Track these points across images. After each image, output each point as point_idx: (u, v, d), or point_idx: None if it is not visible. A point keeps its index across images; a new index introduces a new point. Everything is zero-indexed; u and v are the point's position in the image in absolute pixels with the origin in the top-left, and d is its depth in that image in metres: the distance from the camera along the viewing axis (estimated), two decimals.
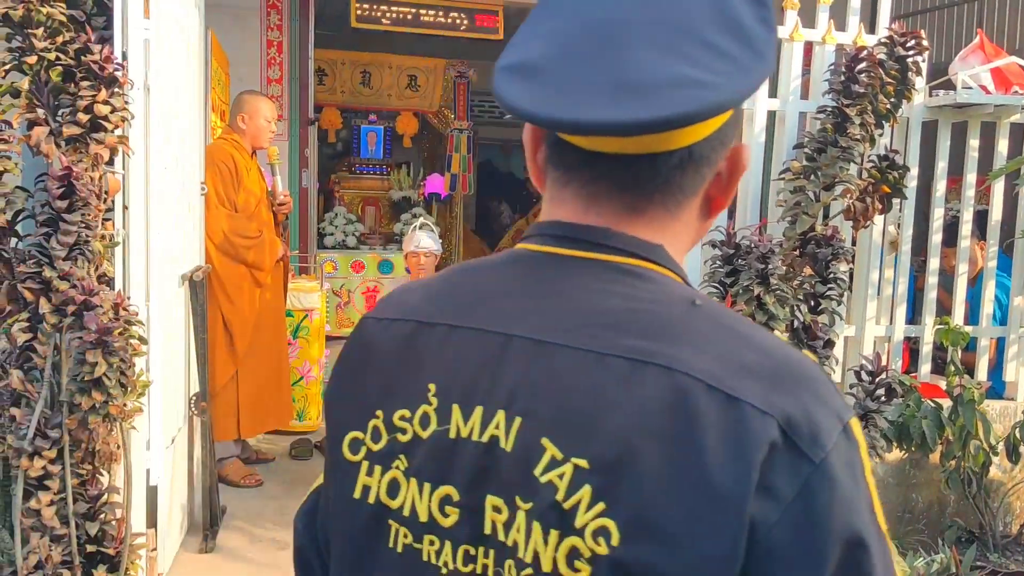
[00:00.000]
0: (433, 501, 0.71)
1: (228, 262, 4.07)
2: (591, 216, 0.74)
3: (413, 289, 0.83)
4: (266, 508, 3.95)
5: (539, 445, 0.67)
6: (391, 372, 0.76)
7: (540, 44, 0.71)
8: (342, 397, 0.81)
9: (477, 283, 0.79)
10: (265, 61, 6.13)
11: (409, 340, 0.76)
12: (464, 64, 9.08)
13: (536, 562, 0.66)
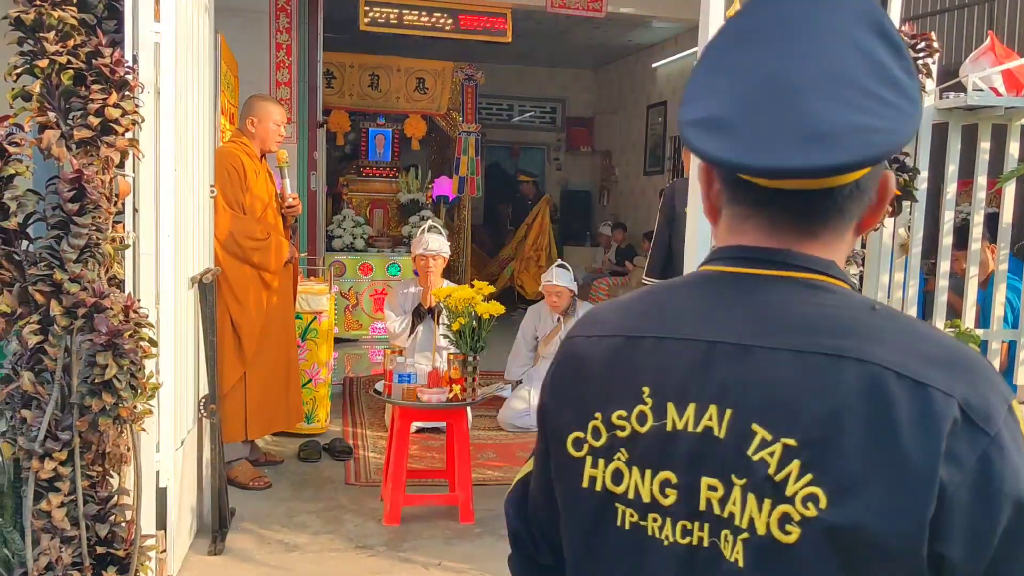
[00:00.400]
0: (654, 485, 0.85)
1: (235, 264, 4.08)
2: (773, 241, 0.87)
3: (611, 309, 0.97)
4: (275, 510, 3.96)
5: (750, 431, 0.80)
6: (605, 379, 0.90)
7: (721, 101, 0.83)
8: (561, 404, 0.95)
9: (673, 301, 0.92)
10: (274, 64, 6.14)
11: (619, 352, 0.90)
12: (472, 67, 9.09)
13: (752, 527, 0.80)
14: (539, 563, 1.05)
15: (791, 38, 0.84)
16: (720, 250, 0.91)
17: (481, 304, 3.85)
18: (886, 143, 0.79)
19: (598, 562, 0.91)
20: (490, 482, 4.47)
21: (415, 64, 8.93)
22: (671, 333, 0.88)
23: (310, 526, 3.79)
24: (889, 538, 0.76)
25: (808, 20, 0.84)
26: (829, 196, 0.84)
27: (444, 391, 3.81)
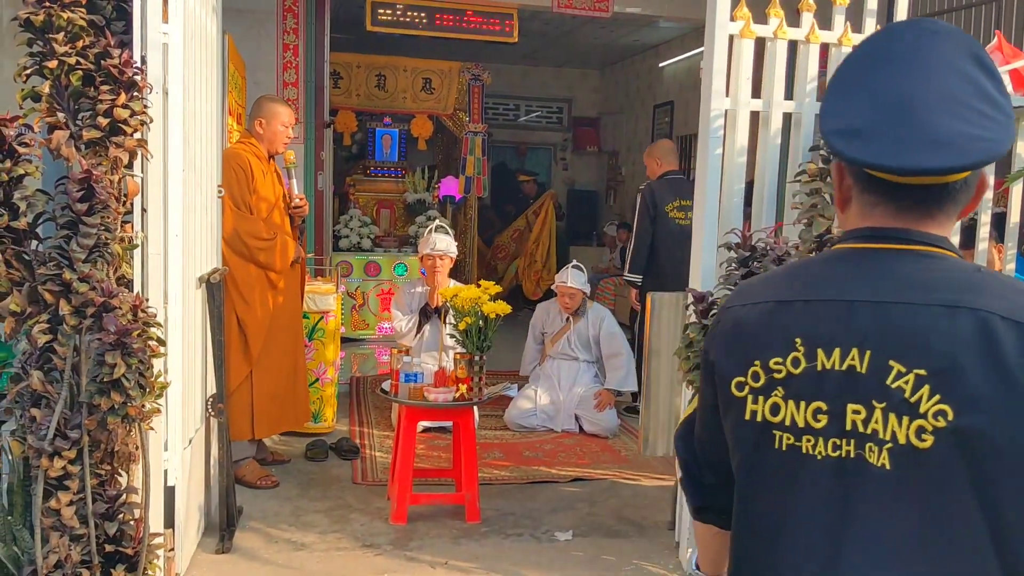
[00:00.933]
0: (808, 413, 1.10)
1: (241, 263, 4.09)
2: (897, 222, 1.12)
3: (759, 283, 1.24)
4: (282, 509, 3.97)
5: (888, 366, 1.05)
6: (761, 335, 1.16)
7: (860, 114, 1.08)
8: (724, 356, 1.20)
9: (814, 273, 1.17)
10: (281, 65, 6.16)
11: (772, 313, 1.16)
12: (478, 67, 9.10)
13: (894, 438, 1.05)
14: (703, 483, 1.33)
15: (911, 65, 1.08)
16: (852, 231, 1.17)
17: (488, 304, 3.86)
18: (993, 149, 1.05)
19: (762, 476, 1.16)
20: (496, 481, 4.47)
21: (421, 64, 8.94)
22: (816, 296, 1.13)
23: (317, 525, 3.81)
24: (1002, 441, 1.01)
25: (922, 50, 1.08)
26: (944, 189, 1.10)
27: (451, 390, 3.82)
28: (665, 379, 3.68)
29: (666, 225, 5.54)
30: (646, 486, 4.47)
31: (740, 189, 3.47)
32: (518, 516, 4.02)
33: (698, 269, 3.42)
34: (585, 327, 5.55)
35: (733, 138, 3.46)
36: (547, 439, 5.29)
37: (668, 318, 3.59)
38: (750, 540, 1.19)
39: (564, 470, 4.69)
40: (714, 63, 3.34)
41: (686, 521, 3.48)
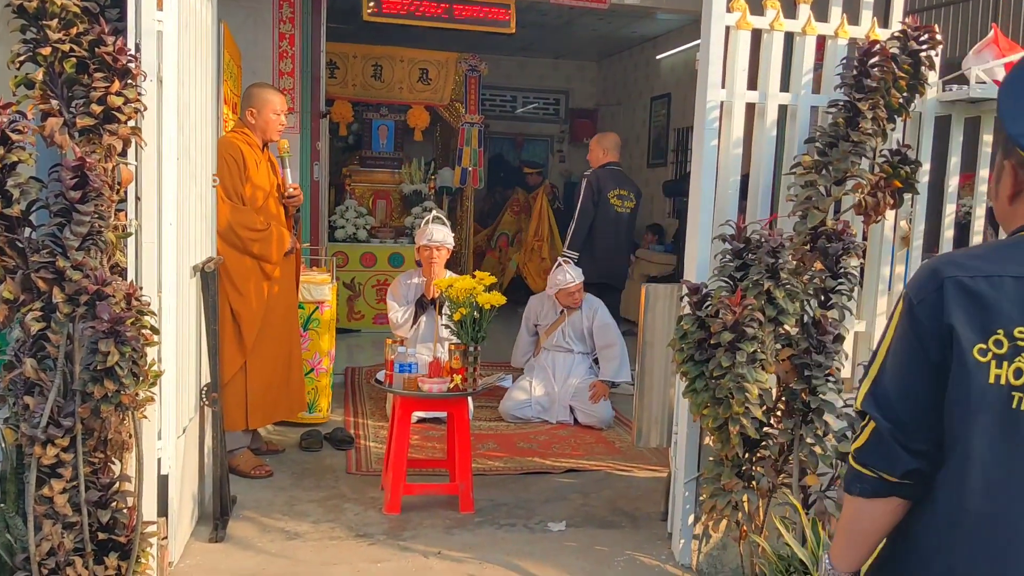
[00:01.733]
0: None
1: (235, 254, 4.08)
2: None
3: (970, 259, 1.33)
4: (276, 499, 3.98)
5: None
6: (1004, 306, 1.27)
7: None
8: (966, 323, 1.28)
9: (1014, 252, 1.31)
10: (277, 54, 6.14)
11: (1010, 288, 1.27)
12: (475, 57, 9.08)
13: None
14: (912, 449, 1.33)
15: None
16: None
17: (482, 295, 3.86)
18: None
19: (1006, 437, 1.26)
20: (491, 472, 4.48)
21: (418, 55, 8.92)
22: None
23: (311, 515, 3.81)
24: None
25: None
26: None
27: (445, 381, 3.83)
28: (659, 371, 3.69)
29: (607, 211, 6.13)
30: (639, 477, 4.48)
31: (735, 181, 3.46)
32: (511, 506, 4.02)
33: (693, 261, 3.42)
34: (579, 319, 5.56)
35: (729, 130, 3.46)
36: (542, 430, 5.30)
37: (662, 310, 3.60)
38: (980, 498, 1.28)
39: (558, 461, 4.70)
40: (710, 54, 3.34)
41: (679, 512, 3.49)
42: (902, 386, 1.34)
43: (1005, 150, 1.37)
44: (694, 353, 3.15)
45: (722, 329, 2.98)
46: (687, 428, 3.44)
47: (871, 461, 1.36)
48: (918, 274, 1.38)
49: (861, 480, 1.38)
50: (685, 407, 3.35)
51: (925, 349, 1.31)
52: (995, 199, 1.42)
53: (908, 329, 1.34)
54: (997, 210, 1.41)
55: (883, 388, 1.36)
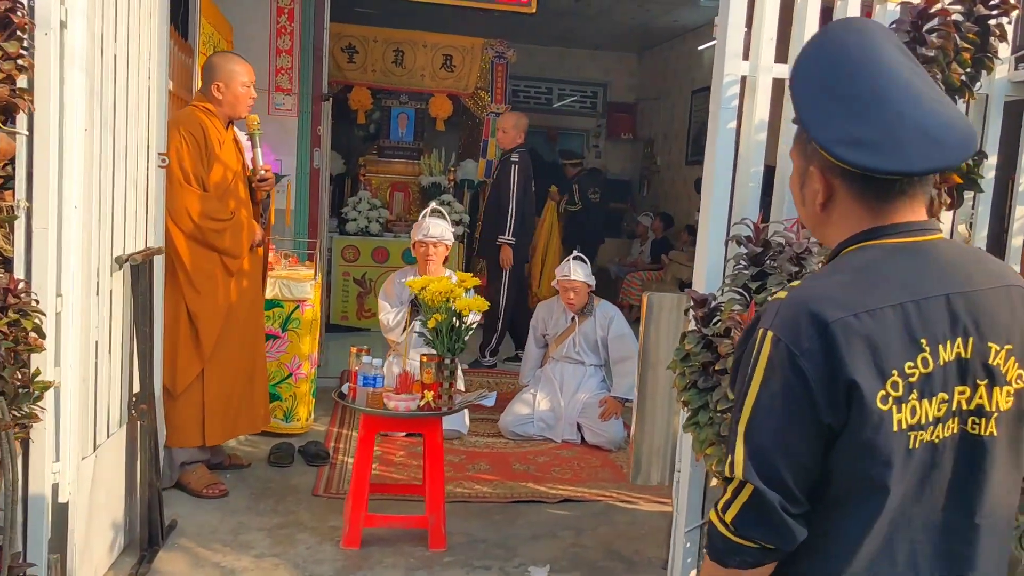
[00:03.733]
0: (935, 406, 1.19)
1: (193, 246, 3.61)
2: (918, 215, 1.26)
3: (841, 291, 1.20)
4: (222, 524, 3.49)
5: (987, 347, 1.21)
6: (893, 342, 1.17)
7: (865, 127, 1.19)
8: (865, 371, 1.15)
9: (889, 273, 1.21)
10: (275, 30, 5.68)
11: (894, 320, 1.17)
12: (503, 44, 8.56)
13: (997, 408, 1.22)
14: (801, 515, 1.19)
15: (884, 71, 1.21)
16: (879, 229, 1.24)
17: (461, 299, 3.33)
18: (975, 141, 1.24)
19: (909, 479, 1.19)
20: (475, 499, 3.95)
21: (442, 40, 8.42)
22: (921, 295, 1.19)
23: (256, 547, 3.32)
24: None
25: (875, 51, 1.23)
26: (929, 180, 1.26)
27: (415, 398, 3.30)
28: (662, 395, 3.12)
29: (532, 195, 6.62)
30: (644, 512, 3.91)
31: (758, 173, 2.89)
32: (490, 544, 3.49)
33: (703, 267, 2.85)
34: (592, 327, 4.99)
35: (752, 110, 2.88)
36: (543, 450, 4.75)
37: (668, 323, 3.03)
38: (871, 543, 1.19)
39: (555, 488, 4.15)
40: (729, 17, 2.76)
41: (679, 564, 2.92)
42: (788, 450, 1.18)
43: (807, 155, 1.28)
44: (698, 379, 2.59)
45: (730, 352, 2.41)
46: (690, 467, 2.88)
47: (758, 535, 1.20)
48: (787, 314, 1.19)
49: (741, 552, 1.22)
50: (689, 441, 2.79)
51: (815, 407, 1.16)
52: (802, 205, 1.33)
53: (791, 385, 1.16)
54: (808, 218, 1.33)
55: (764, 453, 1.18)
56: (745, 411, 1.20)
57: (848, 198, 1.25)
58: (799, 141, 1.30)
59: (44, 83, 2.43)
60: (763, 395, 1.19)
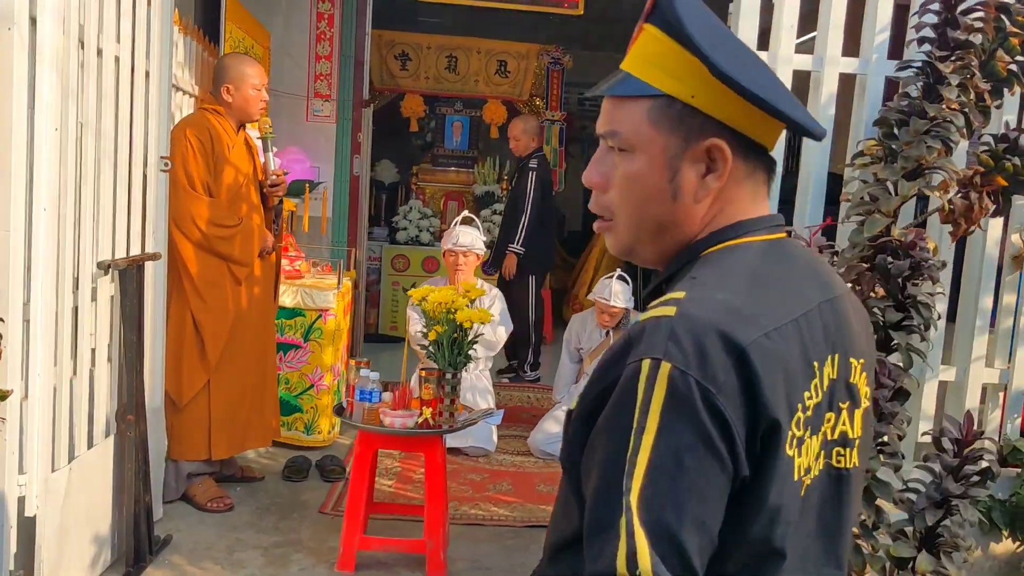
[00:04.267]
0: (819, 440, 0.97)
1: (198, 254, 3.51)
2: (766, 208, 1.05)
3: (747, 303, 0.93)
4: (219, 541, 3.36)
5: (849, 363, 1.01)
6: (795, 368, 0.94)
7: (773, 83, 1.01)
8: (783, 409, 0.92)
9: (777, 276, 0.99)
10: (314, 36, 5.60)
11: (793, 339, 0.95)
12: (558, 49, 8.36)
13: (856, 434, 1.01)
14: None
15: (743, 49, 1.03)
16: (758, 220, 1.02)
17: (463, 311, 3.14)
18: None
19: (798, 537, 0.96)
20: (490, 522, 3.74)
21: (496, 46, 8.27)
22: (806, 307, 0.98)
23: (248, 566, 3.18)
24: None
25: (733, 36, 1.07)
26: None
27: (412, 414, 3.12)
28: None
29: (552, 201, 6.32)
30: None
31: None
32: (496, 571, 3.27)
33: None
34: None
35: None
36: None
37: None
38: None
39: None
40: (742, 3, 2.51)
41: None
42: (702, 528, 0.87)
43: (692, 130, 0.98)
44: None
45: None
46: None
47: None
48: (688, 338, 0.88)
49: None
50: None
51: (736, 462, 0.88)
52: (663, 198, 1.01)
53: (706, 434, 0.86)
54: (662, 212, 1.02)
55: (674, 536, 0.85)
56: (637, 477, 0.86)
57: (733, 183, 1.01)
58: (667, 114, 0.99)
59: (7, 80, 2.34)
60: (663, 451, 0.86)
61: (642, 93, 0.99)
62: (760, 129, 1.00)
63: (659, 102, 0.99)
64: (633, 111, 1.00)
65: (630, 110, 1.00)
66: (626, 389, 0.89)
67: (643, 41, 1.01)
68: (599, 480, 0.89)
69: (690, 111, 0.98)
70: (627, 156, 1.02)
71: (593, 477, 0.89)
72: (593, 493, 0.89)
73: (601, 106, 1.05)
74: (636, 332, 0.92)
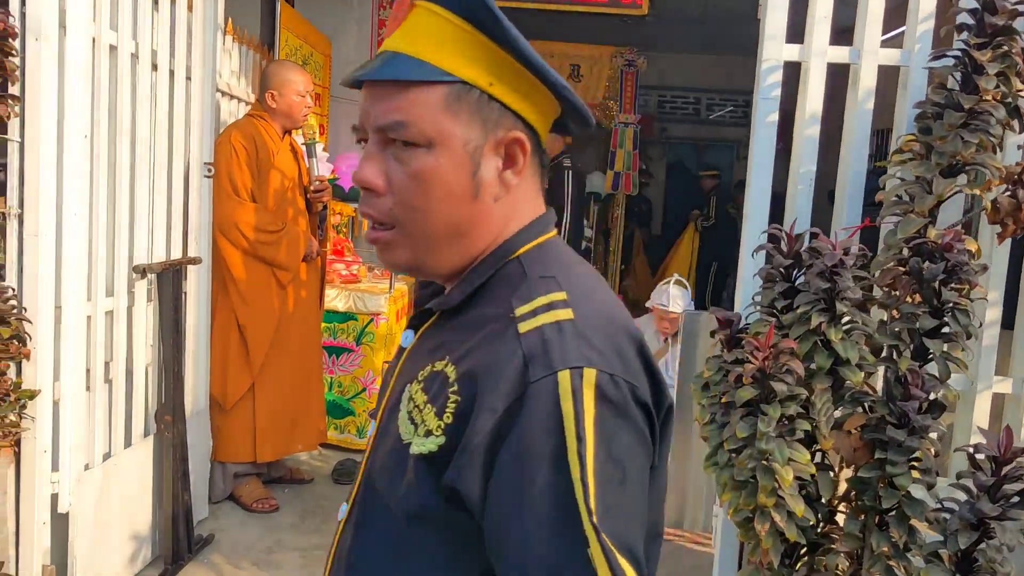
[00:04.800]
0: None
1: (242, 258, 3.55)
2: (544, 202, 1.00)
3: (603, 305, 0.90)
4: (260, 541, 3.40)
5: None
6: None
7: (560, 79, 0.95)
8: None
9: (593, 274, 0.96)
10: (375, 44, 5.65)
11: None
12: (632, 52, 8.23)
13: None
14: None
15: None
16: (547, 215, 0.97)
17: None
18: None
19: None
20: None
21: (569, 49, 8.20)
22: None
23: (284, 566, 3.20)
24: None
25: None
26: None
27: None
28: None
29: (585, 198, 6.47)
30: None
31: (808, 174, 2.48)
32: None
33: (742, 283, 2.48)
34: None
35: (803, 102, 2.49)
36: None
37: (704, 346, 2.67)
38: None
39: None
40: None
41: None
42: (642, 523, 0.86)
43: (492, 122, 0.89)
44: (716, 412, 2.23)
45: (736, 383, 2.05)
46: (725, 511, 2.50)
47: None
48: (600, 340, 0.84)
49: None
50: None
51: (652, 449, 0.87)
52: (472, 200, 0.90)
53: (641, 433, 0.84)
54: (461, 213, 0.90)
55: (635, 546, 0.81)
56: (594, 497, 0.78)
57: (525, 179, 0.94)
58: (466, 102, 0.89)
59: (35, 89, 2.41)
60: (608, 462, 0.79)
61: (437, 79, 0.87)
62: (543, 121, 0.94)
63: (455, 89, 0.88)
64: (425, 99, 0.88)
65: (419, 98, 0.87)
66: (546, 410, 0.79)
67: (421, 20, 0.90)
68: (542, 516, 0.78)
69: (487, 99, 0.89)
70: (418, 151, 0.88)
71: (526, 517, 0.79)
72: (535, 534, 0.78)
73: (365, 94, 0.92)
74: (531, 345, 0.82)
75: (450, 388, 0.85)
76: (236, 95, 4.09)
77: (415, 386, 0.90)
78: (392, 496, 0.88)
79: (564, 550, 0.77)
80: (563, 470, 0.78)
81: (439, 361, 0.89)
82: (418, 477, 0.85)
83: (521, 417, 0.79)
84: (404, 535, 0.88)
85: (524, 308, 0.86)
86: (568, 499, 0.78)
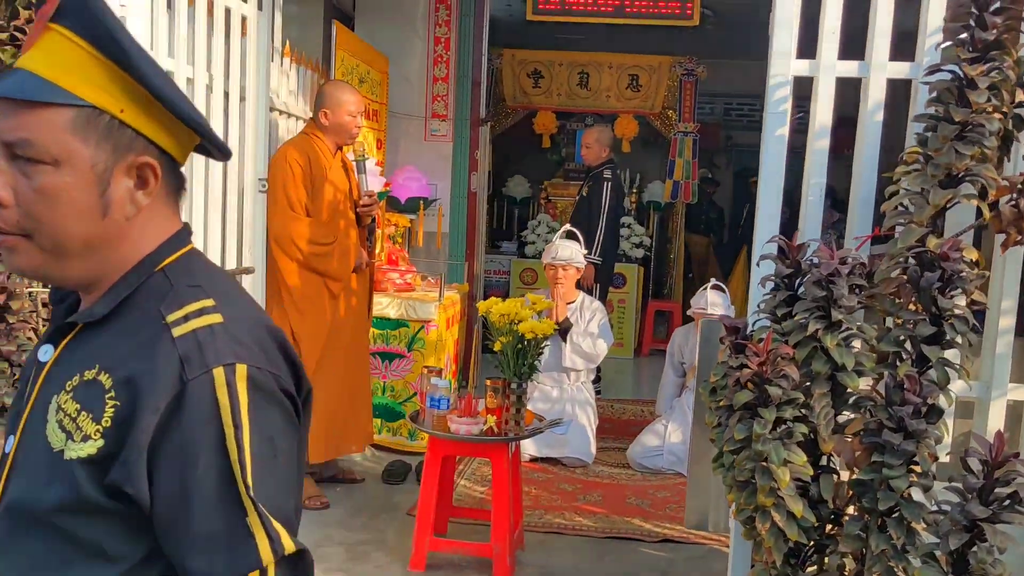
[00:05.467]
0: None
1: (295, 269, 3.77)
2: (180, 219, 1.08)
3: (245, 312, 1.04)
4: (309, 536, 3.55)
5: None
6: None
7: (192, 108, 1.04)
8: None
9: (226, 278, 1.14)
10: (431, 60, 5.86)
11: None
12: (692, 60, 8.27)
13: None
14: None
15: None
16: (184, 231, 1.06)
17: (527, 322, 3.23)
18: None
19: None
20: (569, 531, 3.79)
21: (628, 60, 8.29)
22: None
23: (329, 560, 3.39)
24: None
25: None
26: None
27: (477, 422, 3.24)
28: None
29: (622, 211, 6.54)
30: None
31: (819, 186, 2.56)
32: None
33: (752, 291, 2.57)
34: None
35: (813, 115, 2.57)
36: (666, 485, 4.48)
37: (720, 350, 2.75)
38: None
39: (660, 526, 3.90)
40: (777, 9, 2.48)
41: None
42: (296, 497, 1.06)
43: (122, 144, 0.95)
44: (721, 416, 2.33)
45: (735, 386, 2.15)
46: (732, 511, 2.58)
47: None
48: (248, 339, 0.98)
49: None
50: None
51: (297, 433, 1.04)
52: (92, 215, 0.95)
53: (289, 415, 1.01)
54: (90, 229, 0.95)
55: (288, 512, 1.00)
56: (250, 473, 0.92)
57: (159, 199, 1.01)
58: (95, 126, 0.94)
59: None
60: (262, 442, 0.94)
61: (65, 102, 0.92)
62: (178, 147, 1.01)
63: (84, 113, 0.93)
64: (50, 119, 0.92)
65: (45, 117, 0.91)
66: (204, 403, 0.92)
67: (55, 43, 0.92)
68: (206, 496, 0.91)
69: (119, 125, 0.95)
70: (44, 168, 0.92)
71: (193, 499, 0.91)
72: (201, 512, 0.91)
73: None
74: (186, 347, 0.93)
75: (107, 395, 0.93)
76: (294, 113, 4.33)
77: (63, 396, 0.95)
78: (41, 499, 0.94)
79: (227, 521, 0.92)
80: (223, 453, 0.91)
81: (88, 371, 0.95)
82: (76, 479, 0.92)
83: (182, 412, 0.91)
84: (59, 527, 0.94)
85: (175, 315, 0.96)
86: (228, 478, 0.91)
